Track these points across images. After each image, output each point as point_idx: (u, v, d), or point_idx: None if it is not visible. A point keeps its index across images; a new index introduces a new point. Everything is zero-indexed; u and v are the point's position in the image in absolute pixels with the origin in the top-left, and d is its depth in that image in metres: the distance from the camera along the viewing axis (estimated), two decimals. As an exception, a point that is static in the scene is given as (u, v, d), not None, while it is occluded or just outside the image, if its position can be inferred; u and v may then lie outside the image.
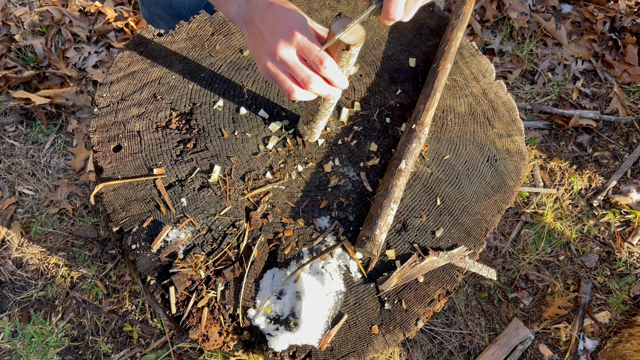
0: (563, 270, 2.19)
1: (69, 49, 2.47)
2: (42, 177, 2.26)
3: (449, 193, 1.23)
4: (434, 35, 1.39)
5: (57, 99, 2.33)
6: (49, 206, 2.21)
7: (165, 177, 1.15)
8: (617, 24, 2.63)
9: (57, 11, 2.47)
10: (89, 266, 2.11)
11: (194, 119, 1.21)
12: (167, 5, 1.50)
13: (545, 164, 2.40)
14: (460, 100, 1.33)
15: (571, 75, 2.57)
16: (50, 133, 2.34)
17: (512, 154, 1.30)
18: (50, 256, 2.13)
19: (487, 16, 2.62)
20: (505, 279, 2.17)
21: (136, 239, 1.10)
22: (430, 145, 1.26)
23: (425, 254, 1.16)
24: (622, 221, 2.29)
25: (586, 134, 2.46)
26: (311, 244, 1.15)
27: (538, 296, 2.15)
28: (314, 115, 1.11)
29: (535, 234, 2.24)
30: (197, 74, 1.26)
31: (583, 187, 2.36)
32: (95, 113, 1.19)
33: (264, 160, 1.20)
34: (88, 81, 2.43)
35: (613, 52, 2.60)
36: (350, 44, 0.86)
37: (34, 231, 2.16)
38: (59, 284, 2.09)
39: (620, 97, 2.49)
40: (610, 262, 2.22)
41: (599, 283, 2.18)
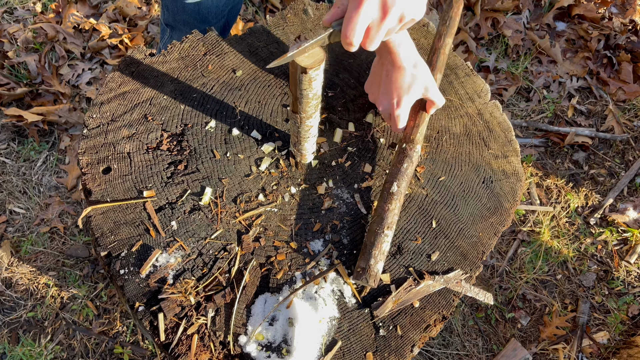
0: (561, 290, 2.17)
1: (63, 66, 2.45)
2: (34, 195, 2.24)
3: (444, 215, 1.21)
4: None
5: (50, 116, 2.31)
6: (40, 225, 2.18)
7: (155, 199, 1.13)
8: (611, 41, 2.64)
9: (51, 28, 2.46)
10: (79, 286, 2.07)
11: (186, 140, 1.20)
12: (195, 11, 1.50)
13: (541, 181, 2.38)
14: (455, 121, 1.31)
15: (566, 93, 2.57)
16: (42, 150, 2.32)
17: (508, 175, 1.28)
18: (40, 276, 2.09)
19: (482, 34, 2.62)
20: (502, 299, 2.14)
21: (125, 263, 1.07)
22: (425, 166, 1.24)
23: (421, 278, 1.14)
24: (619, 239, 2.27)
25: (582, 151, 2.45)
26: (304, 268, 1.12)
27: (536, 316, 2.12)
28: (297, 137, 1.10)
29: (532, 253, 2.22)
30: (189, 95, 1.24)
31: (580, 205, 2.34)
32: (85, 134, 1.17)
33: (257, 182, 1.18)
34: (81, 98, 2.41)
35: (608, 70, 2.60)
36: (306, 67, 0.84)
37: (24, 250, 2.12)
38: (49, 304, 2.05)
39: (615, 114, 2.49)
40: (608, 281, 2.19)
41: (597, 302, 2.16)
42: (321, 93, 0.98)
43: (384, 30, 0.86)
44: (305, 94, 0.93)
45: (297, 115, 1.03)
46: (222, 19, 1.57)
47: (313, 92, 0.92)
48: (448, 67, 1.37)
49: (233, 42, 1.33)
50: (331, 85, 1.31)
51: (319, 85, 0.92)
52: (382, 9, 0.83)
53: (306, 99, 0.95)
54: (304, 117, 1.03)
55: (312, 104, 0.98)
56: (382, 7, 0.83)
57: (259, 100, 1.26)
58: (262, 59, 1.32)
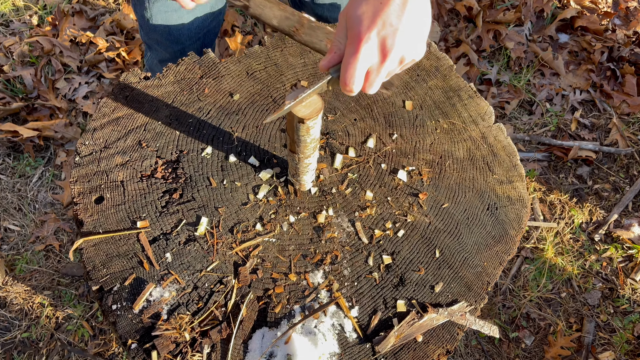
0: (565, 308, 2.13)
1: (59, 80, 2.42)
2: (29, 211, 2.20)
3: (448, 244, 1.17)
4: (431, 77, 1.35)
5: (46, 131, 2.27)
6: (35, 242, 2.14)
7: (149, 230, 1.09)
8: (615, 53, 2.61)
9: (47, 42, 2.43)
10: (75, 306, 2.03)
11: (181, 167, 1.16)
12: (166, 32, 1.46)
13: (544, 196, 2.34)
14: (458, 145, 1.28)
15: (569, 106, 2.53)
16: (38, 166, 2.28)
17: (513, 202, 1.24)
18: (35, 295, 2.05)
19: (484, 46, 2.59)
20: (505, 318, 2.10)
21: (117, 298, 1.03)
22: (428, 193, 1.21)
23: (424, 311, 1.10)
24: (624, 256, 2.23)
25: (586, 165, 2.41)
26: (303, 301, 1.08)
27: (540, 335, 2.08)
28: (296, 170, 1.06)
29: (536, 270, 2.18)
30: (185, 120, 1.21)
31: (584, 220, 2.30)
32: (77, 162, 1.13)
33: (254, 211, 1.14)
34: (78, 112, 2.38)
35: (611, 82, 2.56)
36: (303, 117, 0.80)
37: (19, 269, 2.09)
38: (44, 324, 2.01)
39: (619, 127, 2.46)
40: (614, 299, 2.15)
41: (602, 321, 2.11)
42: (319, 135, 0.94)
43: (384, 74, 0.82)
44: (303, 140, 0.90)
45: (295, 155, 1.00)
46: (198, 42, 1.53)
47: (311, 137, 0.89)
48: (451, 89, 1.34)
49: (230, 64, 1.29)
50: (331, 109, 1.27)
51: (317, 132, 0.88)
52: (381, 53, 0.79)
53: (304, 143, 0.92)
54: (302, 157, 1.00)
55: (310, 146, 0.95)
56: (381, 50, 0.78)
57: (256, 125, 1.22)
58: (260, 82, 1.28)
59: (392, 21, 0.76)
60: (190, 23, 1.45)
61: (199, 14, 1.45)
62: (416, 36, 0.79)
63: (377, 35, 0.77)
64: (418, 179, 1.22)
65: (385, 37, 0.77)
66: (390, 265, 1.13)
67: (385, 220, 1.17)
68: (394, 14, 0.76)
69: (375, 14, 0.76)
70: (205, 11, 1.46)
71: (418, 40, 0.80)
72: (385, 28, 0.76)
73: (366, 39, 0.76)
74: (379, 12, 0.76)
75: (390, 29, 0.76)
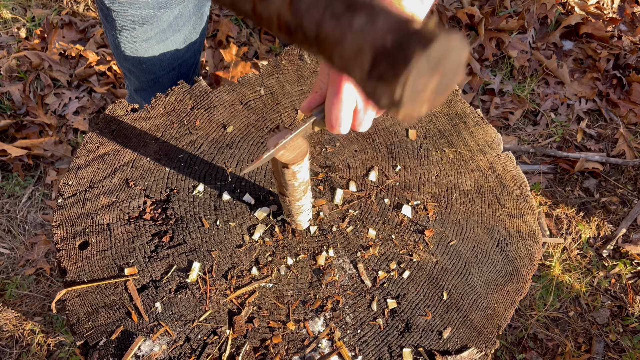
0: (573, 328, 2.06)
1: (49, 95, 2.34)
2: (18, 233, 2.13)
3: (456, 285, 1.10)
4: (436, 103, 1.28)
5: (35, 149, 2.20)
6: (25, 266, 2.07)
7: (137, 277, 1.02)
8: (621, 61, 2.53)
9: (35, 56, 2.35)
10: (67, 332, 1.96)
11: (171, 208, 1.09)
12: (137, 61, 1.38)
13: (551, 210, 2.28)
14: (465, 176, 1.21)
15: (575, 116, 2.46)
16: (27, 185, 2.21)
17: (524, 237, 1.17)
18: (26, 321, 1.98)
19: (486, 55, 2.51)
20: (512, 339, 2.04)
21: (103, 354, 0.96)
22: (434, 229, 1.14)
23: (432, 359, 1.03)
24: (633, 272, 2.17)
25: (592, 178, 2.35)
26: (303, 352, 1.01)
27: (548, 357, 2.01)
28: (289, 211, 0.99)
29: (542, 288, 2.12)
30: (175, 155, 1.14)
31: (591, 235, 2.24)
32: (60, 204, 1.06)
33: (249, 254, 1.07)
34: (68, 129, 2.30)
35: (618, 91, 2.49)
36: (287, 162, 0.74)
37: (8, 294, 2.02)
38: (35, 352, 1.94)
39: (626, 138, 2.39)
40: (623, 317, 2.09)
41: (612, 341, 2.05)
42: (309, 177, 0.87)
43: (372, 112, 0.75)
44: (290, 184, 0.83)
45: (285, 197, 0.93)
46: (172, 72, 1.45)
47: (299, 181, 0.82)
48: (456, 116, 1.26)
49: (223, 93, 1.22)
50: (330, 140, 1.20)
51: (304, 175, 0.82)
52: None
53: (292, 187, 0.85)
54: (292, 200, 0.93)
55: (299, 189, 0.88)
56: None
57: (251, 159, 1.15)
58: (254, 112, 1.21)
59: None
60: (162, 54, 1.38)
61: (170, 46, 1.38)
62: None
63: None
64: (423, 214, 1.15)
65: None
66: (395, 310, 1.06)
67: (390, 260, 1.10)
68: None
69: None
70: (176, 42, 1.38)
71: None
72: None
73: (347, 78, 0.71)
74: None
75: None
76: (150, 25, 1.30)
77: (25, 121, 2.27)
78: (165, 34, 1.34)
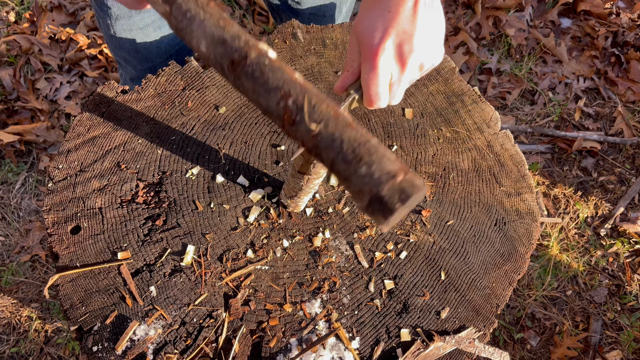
0: (571, 307, 2.07)
1: (39, 80, 2.31)
2: (13, 220, 2.11)
3: (454, 265, 1.09)
4: (432, 81, 1.25)
5: (27, 135, 2.17)
6: (20, 253, 2.05)
7: (131, 262, 1.01)
8: (619, 38, 2.50)
9: (25, 40, 2.31)
10: (64, 318, 1.95)
11: (164, 191, 1.07)
12: (133, 50, 1.35)
13: (548, 190, 2.27)
14: (463, 155, 1.19)
15: (573, 94, 2.44)
16: (20, 172, 2.19)
17: (522, 215, 1.16)
18: (23, 308, 1.97)
19: (483, 33, 2.48)
20: (510, 318, 2.04)
21: (98, 339, 0.95)
22: (431, 209, 1.12)
23: (430, 339, 1.02)
24: (631, 251, 2.17)
25: (590, 157, 2.33)
26: (300, 334, 1.00)
27: (546, 336, 2.02)
28: (297, 192, 0.97)
29: (540, 268, 2.11)
30: (167, 137, 1.11)
31: (589, 214, 2.23)
32: (50, 188, 1.04)
33: (245, 236, 1.06)
34: (60, 114, 2.27)
35: (616, 69, 2.47)
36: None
37: (4, 281, 2.01)
38: (33, 338, 1.93)
39: (624, 116, 2.37)
40: (620, 296, 2.09)
41: (609, 319, 2.06)
42: None
43: (406, 83, 0.78)
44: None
45: (305, 176, 0.91)
46: (169, 59, 1.41)
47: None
48: (453, 94, 1.24)
49: (215, 73, 1.19)
50: (325, 120, 1.18)
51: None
52: (399, 62, 0.74)
53: (319, 164, 0.84)
54: (313, 177, 0.91)
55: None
56: (399, 59, 0.74)
57: (245, 140, 1.13)
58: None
59: (405, 28, 0.72)
60: (159, 41, 1.34)
61: (167, 32, 1.35)
62: (432, 39, 0.75)
63: (392, 44, 0.73)
64: (420, 194, 1.13)
65: (401, 44, 0.73)
66: (392, 291, 1.05)
67: (386, 241, 1.09)
68: (405, 21, 0.72)
69: (387, 25, 0.72)
70: None
71: (435, 44, 0.76)
72: (400, 36, 0.73)
73: (382, 50, 0.72)
74: (391, 22, 0.72)
75: (405, 36, 0.73)
76: (147, 13, 1.27)
77: (16, 106, 2.24)
78: (163, 21, 1.30)
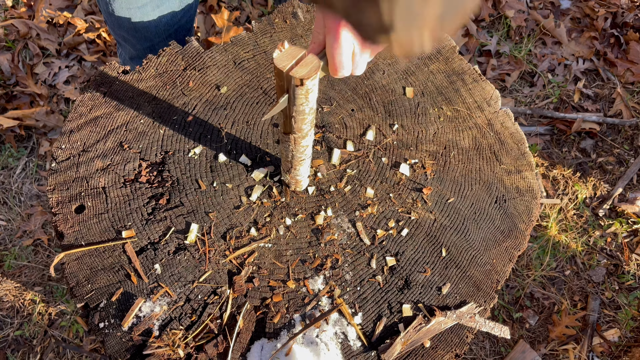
0: (569, 286, 2.09)
1: (38, 64, 2.30)
2: (14, 205, 2.12)
3: (455, 242, 1.10)
4: (432, 60, 1.26)
5: (27, 120, 2.17)
6: (23, 237, 2.06)
7: (135, 240, 1.02)
8: (619, 19, 2.50)
9: (22, 24, 2.29)
10: (67, 301, 1.97)
11: (167, 170, 1.08)
12: (132, 28, 1.35)
13: (547, 172, 2.28)
14: (463, 134, 1.19)
15: (572, 76, 2.44)
16: (20, 157, 2.19)
17: (522, 193, 1.17)
18: (26, 292, 1.99)
19: (483, 15, 2.47)
20: (509, 298, 2.06)
21: (104, 316, 0.97)
22: (432, 187, 1.13)
23: (432, 314, 1.04)
24: (629, 231, 2.18)
25: (589, 138, 2.34)
26: (303, 310, 1.02)
27: (544, 315, 2.04)
28: (291, 161, 0.98)
29: (539, 248, 2.13)
30: (169, 117, 1.12)
31: (588, 195, 2.24)
32: (53, 168, 1.05)
33: (248, 215, 1.07)
34: (60, 99, 2.27)
35: (615, 50, 2.47)
36: (302, 77, 0.74)
37: (7, 265, 2.02)
38: (37, 321, 1.95)
39: (623, 97, 2.37)
40: (618, 275, 2.11)
41: (607, 298, 2.08)
42: (316, 107, 0.87)
43: (367, 54, 0.80)
44: (300, 110, 0.82)
45: (290, 136, 0.91)
46: (168, 38, 1.41)
47: (310, 105, 0.82)
48: (454, 73, 1.25)
49: (216, 53, 1.19)
50: (326, 100, 1.18)
51: (314, 98, 0.81)
52: None
53: (302, 115, 0.84)
54: (299, 136, 0.91)
55: (307, 120, 0.86)
56: None
57: (247, 120, 1.13)
58: (248, 72, 1.19)
59: None
60: (158, 19, 1.34)
61: (166, 10, 1.34)
62: None
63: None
64: (421, 172, 1.14)
65: None
66: (394, 267, 1.06)
67: (388, 218, 1.10)
68: None
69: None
70: (172, 7, 1.34)
71: None
72: None
73: (344, 23, 0.73)
74: None
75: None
76: None
77: (15, 91, 2.23)
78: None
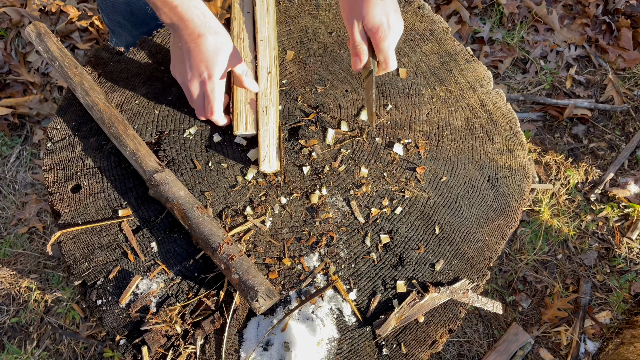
0: (562, 270, 2.11)
1: (31, 53, 2.29)
2: (8, 193, 2.11)
3: (448, 220, 1.12)
4: (425, 41, 1.26)
5: (20, 108, 2.16)
6: (18, 225, 2.06)
7: (132, 219, 1.02)
8: (610, 6, 2.51)
9: (15, 12, 2.28)
10: (63, 288, 1.98)
11: (162, 150, 1.08)
12: (128, 12, 1.35)
13: (540, 157, 2.30)
14: (456, 114, 1.21)
15: (564, 62, 2.45)
16: (14, 145, 2.18)
17: (514, 172, 1.19)
18: (22, 279, 1.99)
19: (476, 2, 2.48)
20: (502, 282, 2.09)
21: (102, 293, 0.97)
22: (425, 166, 1.14)
23: (425, 290, 1.06)
24: (620, 215, 2.21)
25: (581, 124, 2.36)
26: (299, 286, 1.03)
27: (537, 298, 2.07)
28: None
29: (532, 233, 2.16)
30: (164, 97, 1.12)
31: (580, 180, 2.27)
32: (49, 148, 1.05)
33: (243, 194, 1.08)
34: (53, 87, 2.26)
35: (607, 37, 2.48)
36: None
37: (2, 253, 2.02)
38: (33, 308, 1.96)
39: (615, 83, 2.39)
40: (610, 258, 2.14)
41: (599, 281, 2.11)
42: None
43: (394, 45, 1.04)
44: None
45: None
46: None
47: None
48: (447, 54, 1.26)
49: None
50: (320, 80, 1.19)
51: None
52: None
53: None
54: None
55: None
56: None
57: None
58: (243, 53, 1.19)
59: (387, 5, 1.02)
60: None
61: None
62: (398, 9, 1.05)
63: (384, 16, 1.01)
64: (415, 152, 1.16)
65: (388, 16, 1.01)
66: (388, 245, 1.08)
67: (382, 197, 1.11)
68: (391, 5, 1.02)
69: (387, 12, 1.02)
70: None
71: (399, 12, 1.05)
72: (386, 8, 1.02)
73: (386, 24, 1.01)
74: (387, 9, 1.02)
75: (389, 8, 1.02)
76: None
77: (8, 80, 2.23)
78: None
